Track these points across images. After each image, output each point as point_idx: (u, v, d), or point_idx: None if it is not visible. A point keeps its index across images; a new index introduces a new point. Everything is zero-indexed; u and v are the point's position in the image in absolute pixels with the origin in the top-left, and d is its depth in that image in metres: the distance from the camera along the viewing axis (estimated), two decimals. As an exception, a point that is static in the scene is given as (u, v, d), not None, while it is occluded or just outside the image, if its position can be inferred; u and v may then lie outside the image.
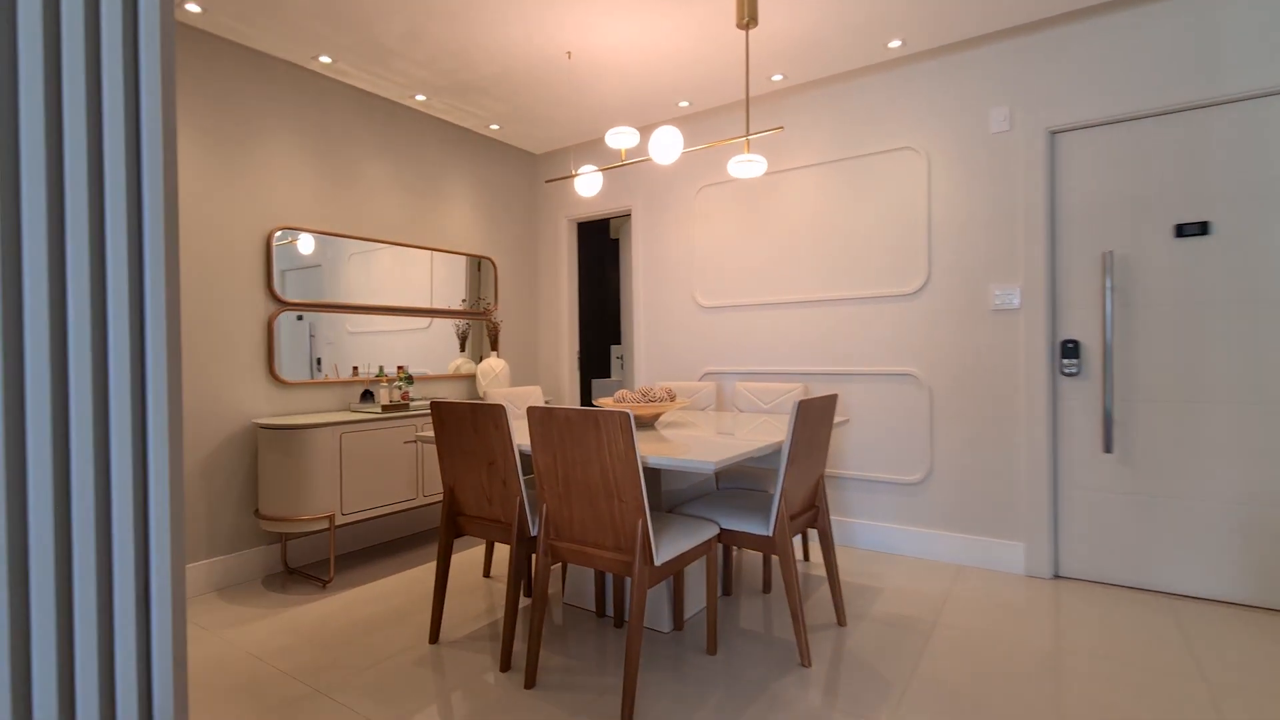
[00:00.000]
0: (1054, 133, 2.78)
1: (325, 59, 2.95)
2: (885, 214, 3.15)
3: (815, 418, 2.16)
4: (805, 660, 2.04)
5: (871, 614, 2.43)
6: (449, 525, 2.28)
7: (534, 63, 3.01)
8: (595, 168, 2.75)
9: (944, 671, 1.98)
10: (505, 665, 2.04)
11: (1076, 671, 1.98)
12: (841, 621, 2.34)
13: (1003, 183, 2.86)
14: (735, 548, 3.06)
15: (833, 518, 3.33)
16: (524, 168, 4.40)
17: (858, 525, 3.24)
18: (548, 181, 3.45)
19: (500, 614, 2.48)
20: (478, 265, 4.17)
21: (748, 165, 2.33)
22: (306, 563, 3.11)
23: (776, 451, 2.27)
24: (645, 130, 3.96)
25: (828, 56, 3.06)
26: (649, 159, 2.53)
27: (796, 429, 2.05)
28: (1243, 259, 2.44)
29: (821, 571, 2.90)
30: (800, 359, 3.42)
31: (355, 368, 3.46)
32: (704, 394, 3.33)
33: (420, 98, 3.41)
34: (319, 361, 3.26)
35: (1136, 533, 2.63)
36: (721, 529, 2.19)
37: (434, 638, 2.25)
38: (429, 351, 3.83)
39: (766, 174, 3.50)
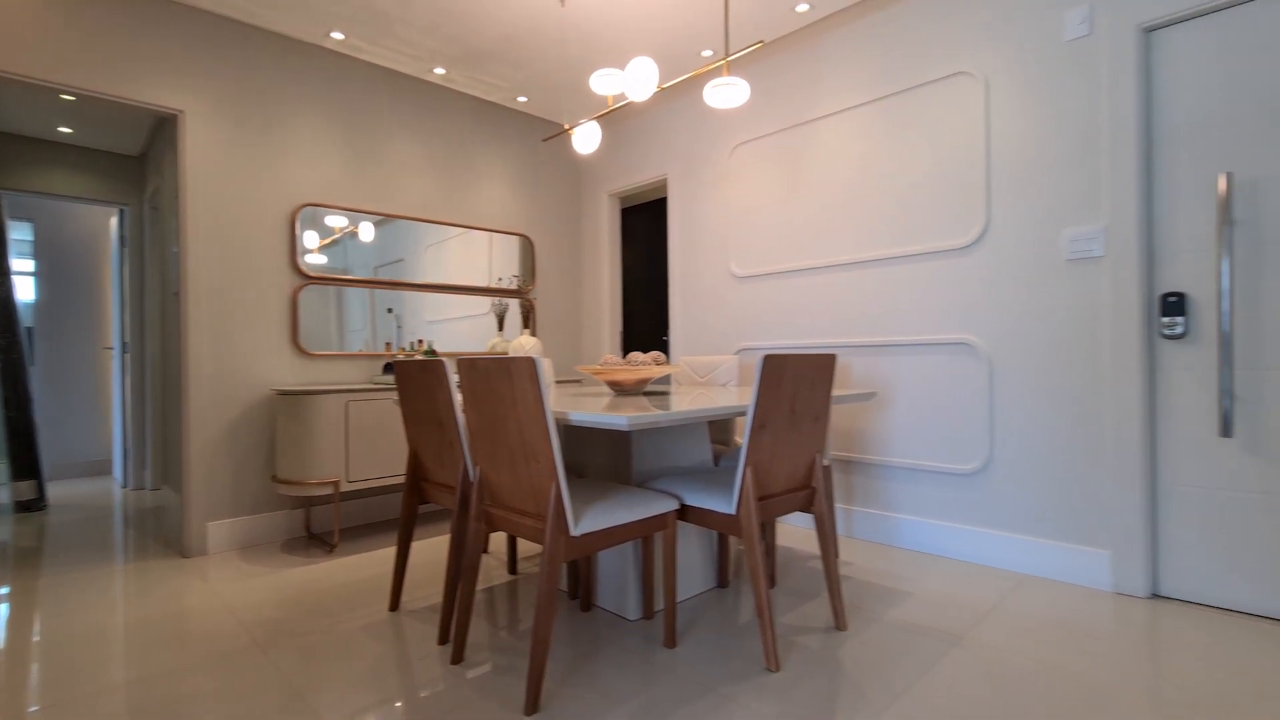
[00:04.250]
0: (1148, 30, 2.19)
1: (337, 35, 3.02)
2: (935, 155, 2.68)
3: (797, 378, 1.83)
4: (772, 663, 1.71)
5: (885, 620, 2.03)
6: (413, 491, 2.20)
7: (529, 15, 2.88)
8: (588, 120, 2.57)
9: (948, 696, 1.57)
10: (444, 639, 1.91)
11: (1136, 718, 1.48)
12: (840, 625, 1.96)
13: (1080, 101, 2.30)
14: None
15: (869, 511, 2.88)
16: (560, 143, 4.30)
17: (902, 521, 2.77)
18: (543, 140, 3.31)
19: (489, 588, 2.36)
20: (528, 246, 4.15)
21: (726, 90, 2.03)
22: (327, 530, 3.20)
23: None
24: (676, 87, 3.71)
25: (860, -25, 2.65)
26: (628, 103, 2.30)
27: (764, 389, 1.73)
28: None
29: (851, 572, 2.49)
30: (840, 329, 3.00)
31: (388, 344, 3.54)
32: (725, 368, 3.02)
33: (439, 70, 3.41)
34: (388, 345, 3.54)
35: (1269, 543, 1.99)
36: (685, 505, 1.91)
37: (394, 606, 2.17)
38: (485, 334, 3.99)
39: (801, 124, 3.12)
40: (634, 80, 2.09)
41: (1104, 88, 2.25)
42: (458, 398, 1.95)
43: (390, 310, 3.54)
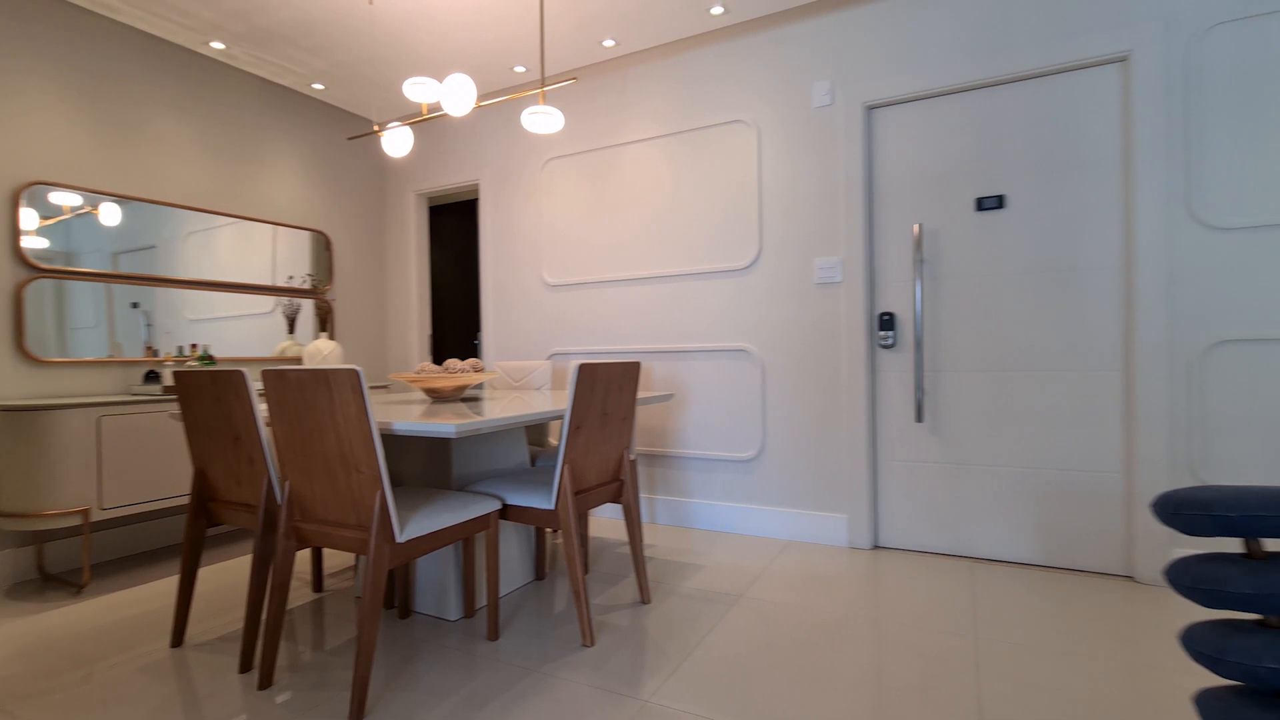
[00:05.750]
0: (870, 108, 2.81)
1: (82, -12, 2.58)
2: (720, 188, 3.11)
3: (607, 383, 2.05)
4: (588, 639, 1.91)
5: (681, 590, 2.35)
6: (199, 513, 2.00)
7: (330, 6, 2.75)
8: (399, 123, 2.54)
9: (728, 645, 1.91)
10: (246, 666, 1.80)
11: (856, 637, 1.95)
12: (645, 599, 2.24)
13: (826, 157, 2.87)
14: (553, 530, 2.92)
15: (670, 498, 3.25)
16: (364, 137, 4.10)
17: (695, 505, 3.18)
18: (350, 139, 3.19)
19: (289, 610, 2.22)
20: (325, 243, 3.86)
21: (542, 118, 2.19)
22: (72, 567, 2.71)
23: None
24: (485, 97, 3.77)
25: (653, 19, 2.98)
26: (443, 114, 2.35)
27: (579, 394, 1.92)
28: (1034, 232, 2.53)
29: (655, 553, 2.80)
30: (643, 337, 3.32)
31: (150, 347, 3.08)
32: (539, 373, 3.17)
33: (217, 45, 3.07)
34: (149, 350, 3.08)
35: (946, 500, 2.69)
36: (506, 504, 2.03)
37: (177, 641, 1.97)
38: (272, 336, 3.63)
39: (608, 147, 3.39)
40: (451, 96, 2.15)
41: (841, 148, 2.84)
42: (261, 410, 1.85)
43: (136, 305, 3.04)
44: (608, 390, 2.07)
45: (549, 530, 2.97)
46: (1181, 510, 0.97)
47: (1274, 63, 2.16)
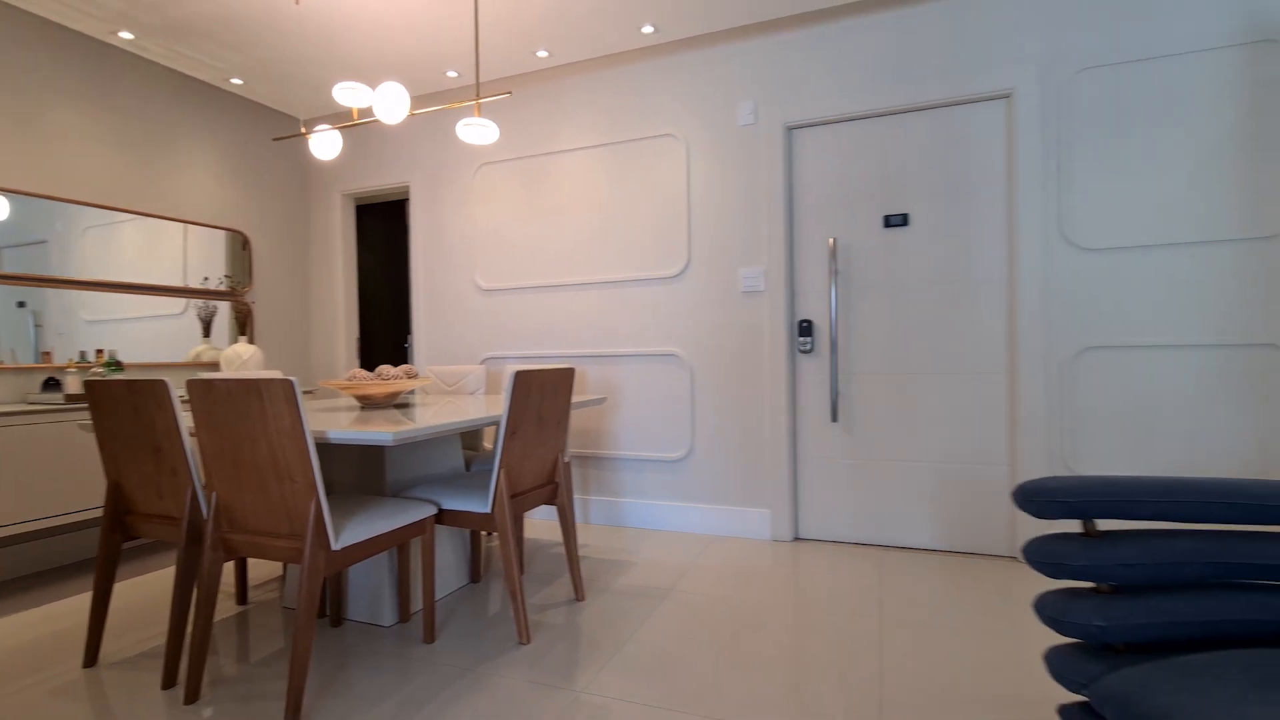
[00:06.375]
0: (791, 128, 3.00)
1: (-29, -31, 2.41)
2: (651, 198, 3.23)
3: (542, 389, 2.12)
4: (524, 638, 1.97)
5: (614, 587, 2.45)
6: (113, 527, 1.93)
7: (255, 3, 2.68)
8: (329, 127, 2.51)
9: (658, 636, 2.02)
10: (169, 682, 1.76)
11: (776, 623, 2.11)
12: (580, 596, 2.32)
13: (750, 173, 3.04)
14: (488, 532, 2.97)
15: (603, 499, 3.34)
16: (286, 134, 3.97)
17: (627, 504, 3.29)
18: (275, 140, 3.12)
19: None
20: (243, 243, 3.70)
21: (477, 130, 2.24)
22: (-42, 591, 2.51)
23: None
24: (419, 100, 3.74)
25: (585, 34, 3.06)
26: (375, 120, 2.34)
27: (515, 401, 1.98)
28: (934, 248, 2.78)
29: (588, 552, 2.88)
30: (576, 341, 3.40)
31: (47, 353, 2.89)
32: (473, 377, 3.19)
33: (126, 35, 2.91)
34: (46, 356, 2.90)
35: (859, 494, 2.91)
36: (442, 509, 2.06)
37: (90, 661, 1.89)
38: (185, 340, 3.47)
39: (542, 154, 3.44)
40: (384, 104, 2.16)
41: (763, 165, 3.01)
42: (184, 420, 1.81)
43: (22, 304, 2.82)
44: (543, 396, 2.13)
45: (484, 533, 3.00)
46: (1034, 498, 1.15)
47: (1131, 105, 2.49)
